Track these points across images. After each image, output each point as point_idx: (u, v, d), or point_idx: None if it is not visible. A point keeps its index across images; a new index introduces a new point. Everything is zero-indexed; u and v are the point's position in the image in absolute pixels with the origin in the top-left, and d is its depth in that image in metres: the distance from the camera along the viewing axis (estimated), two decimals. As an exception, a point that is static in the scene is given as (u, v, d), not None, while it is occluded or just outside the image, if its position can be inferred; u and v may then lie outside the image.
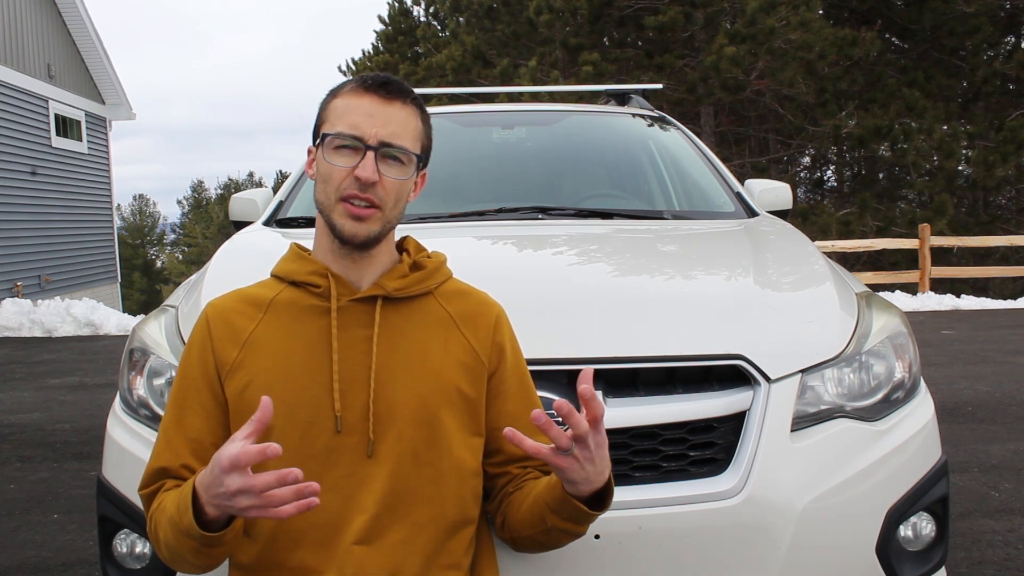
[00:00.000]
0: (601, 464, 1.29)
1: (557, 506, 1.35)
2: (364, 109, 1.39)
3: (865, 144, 15.55)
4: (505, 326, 1.51)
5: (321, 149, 1.41)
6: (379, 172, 1.37)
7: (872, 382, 1.82)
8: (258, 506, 1.15)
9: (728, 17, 15.55)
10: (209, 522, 1.23)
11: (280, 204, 2.89)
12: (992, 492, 3.66)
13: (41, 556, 3.19)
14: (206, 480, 1.21)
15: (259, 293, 1.46)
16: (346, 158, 1.38)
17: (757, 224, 2.64)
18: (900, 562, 1.75)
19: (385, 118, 1.39)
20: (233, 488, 1.15)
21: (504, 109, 3.80)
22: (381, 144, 1.38)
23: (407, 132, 1.41)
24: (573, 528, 1.39)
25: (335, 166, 1.38)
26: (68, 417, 5.49)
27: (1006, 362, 6.78)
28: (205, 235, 51.18)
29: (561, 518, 1.36)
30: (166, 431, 1.40)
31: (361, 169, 1.36)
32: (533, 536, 1.43)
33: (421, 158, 1.44)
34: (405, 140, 1.40)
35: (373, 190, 1.37)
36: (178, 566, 1.35)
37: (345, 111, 1.40)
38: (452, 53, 17.64)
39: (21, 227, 13.24)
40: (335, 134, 1.38)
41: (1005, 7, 16.48)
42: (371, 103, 1.39)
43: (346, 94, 1.42)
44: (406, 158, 1.41)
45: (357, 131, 1.37)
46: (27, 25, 14.03)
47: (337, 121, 1.40)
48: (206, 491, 1.21)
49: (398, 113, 1.40)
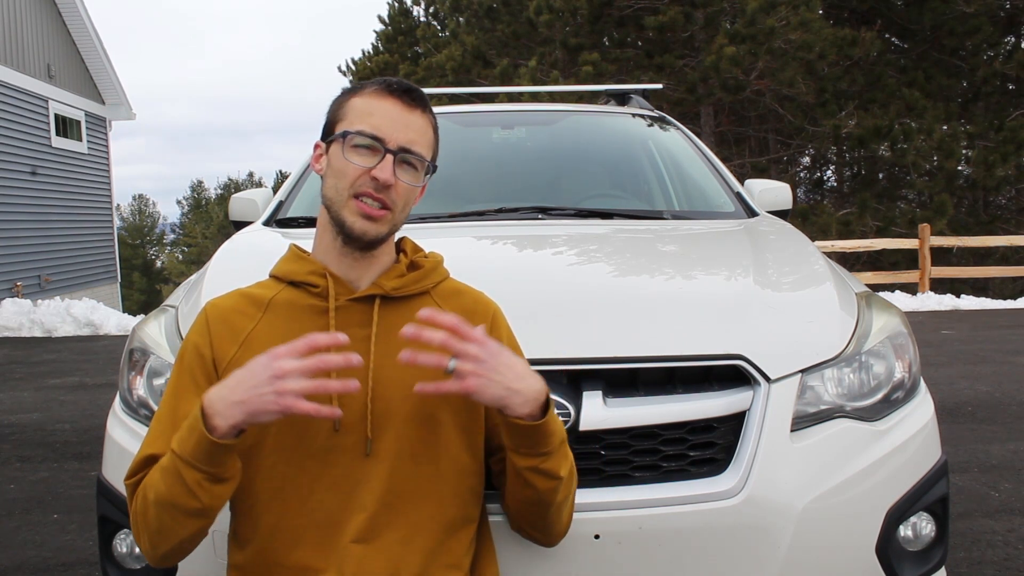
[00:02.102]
0: (509, 372, 1.30)
1: (513, 442, 1.36)
2: (387, 113, 1.40)
3: (865, 144, 15.54)
4: (502, 324, 1.52)
5: (339, 145, 1.42)
6: (396, 176, 1.39)
7: (872, 382, 1.82)
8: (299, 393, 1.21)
9: (728, 17, 15.55)
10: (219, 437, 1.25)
11: (280, 204, 2.89)
12: (992, 492, 3.67)
13: (41, 556, 3.19)
14: (239, 381, 1.25)
15: (258, 293, 1.47)
16: (364, 157, 1.39)
17: (757, 224, 2.64)
18: (900, 562, 1.75)
19: (407, 124, 1.41)
20: (287, 368, 1.22)
21: (504, 109, 3.80)
22: (401, 149, 1.40)
23: (424, 140, 1.43)
24: (538, 463, 1.37)
25: (352, 163, 1.39)
26: (68, 417, 5.49)
27: (1006, 362, 6.78)
28: (205, 235, 51.15)
29: (520, 454, 1.36)
30: (159, 421, 1.39)
31: (380, 170, 1.38)
32: (522, 502, 1.43)
33: (431, 167, 1.46)
34: (422, 148, 1.43)
35: (387, 192, 1.39)
36: (166, 540, 1.31)
37: (367, 111, 1.41)
38: (452, 53, 17.64)
39: (21, 227, 13.24)
40: (357, 132, 1.40)
41: (1005, 7, 16.48)
42: (394, 107, 1.41)
43: (368, 95, 1.43)
44: (420, 165, 1.43)
45: (379, 132, 1.39)
46: (27, 25, 14.03)
47: (357, 120, 1.41)
48: (242, 389, 1.24)
49: (418, 121, 1.43)
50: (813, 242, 2.53)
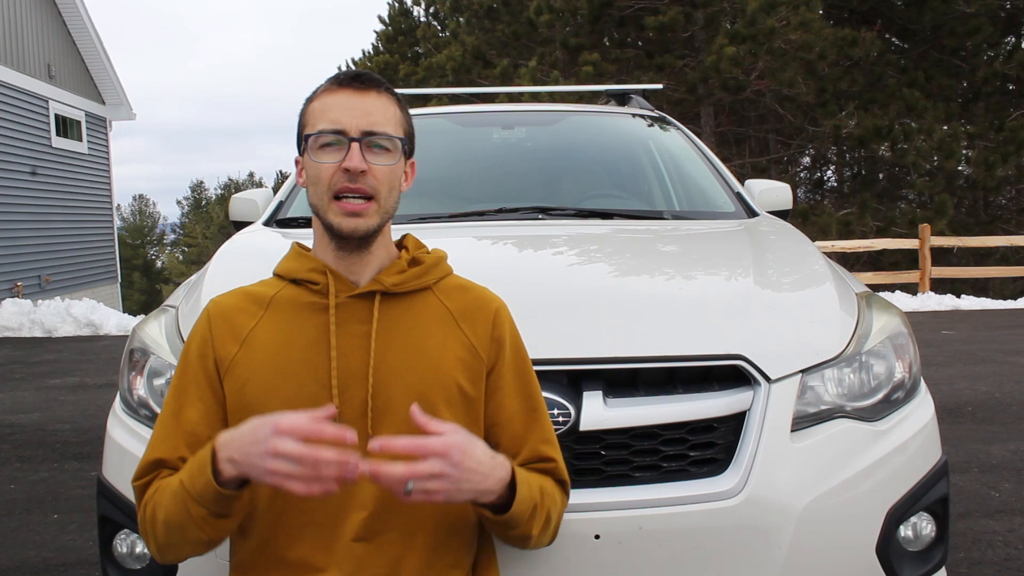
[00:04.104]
0: (475, 474, 1.25)
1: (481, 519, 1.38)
2: (341, 103, 1.40)
3: (865, 144, 15.56)
4: (505, 320, 1.50)
5: (307, 153, 1.42)
6: (367, 162, 1.37)
7: (872, 382, 1.82)
8: (289, 475, 1.17)
9: (728, 17, 15.55)
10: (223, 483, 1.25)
11: (280, 204, 2.89)
12: (992, 492, 3.66)
13: (41, 556, 3.19)
14: (240, 437, 1.22)
15: (260, 291, 1.47)
16: (332, 154, 1.39)
17: (757, 224, 2.64)
18: (900, 562, 1.75)
19: (364, 108, 1.39)
20: (281, 450, 1.16)
21: (504, 109, 3.80)
22: (364, 133, 1.38)
23: (387, 119, 1.42)
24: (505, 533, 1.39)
25: (322, 164, 1.39)
26: (68, 417, 5.49)
27: (1006, 362, 6.78)
28: (205, 235, 51.13)
29: (490, 525, 1.38)
30: (163, 423, 1.40)
31: (348, 160, 1.36)
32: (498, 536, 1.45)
33: (405, 142, 1.45)
34: (387, 127, 1.41)
35: (364, 180, 1.37)
36: (174, 551, 1.35)
37: (323, 110, 1.41)
38: (452, 53, 17.63)
39: (21, 227, 13.24)
40: (318, 132, 1.39)
41: (1005, 7, 16.48)
42: (347, 97, 1.40)
43: (321, 95, 1.43)
44: (391, 144, 1.41)
45: (338, 125, 1.38)
46: (27, 25, 14.03)
47: (317, 121, 1.41)
48: (237, 447, 1.22)
49: (375, 102, 1.41)
50: (813, 242, 2.53)
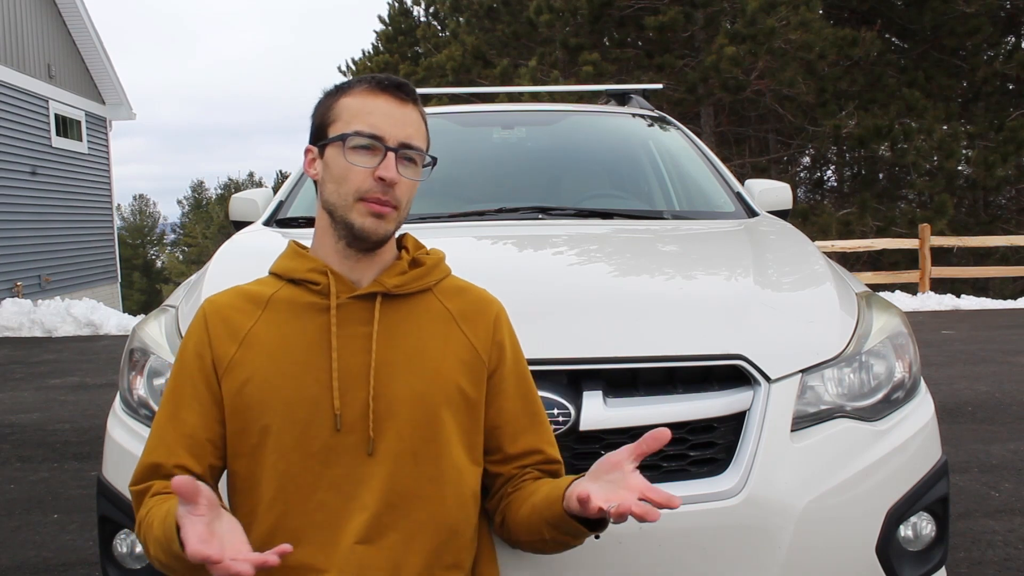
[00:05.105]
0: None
1: (556, 522, 1.35)
2: (383, 110, 1.39)
3: (865, 144, 15.55)
4: (505, 324, 1.51)
5: (337, 148, 1.39)
6: (399, 173, 1.38)
7: (872, 382, 1.82)
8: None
9: (728, 17, 15.54)
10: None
11: (280, 204, 2.89)
12: (992, 492, 3.66)
13: (41, 556, 3.19)
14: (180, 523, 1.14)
15: (257, 290, 1.46)
16: (365, 158, 1.37)
17: (757, 224, 2.64)
18: (900, 562, 1.75)
19: (404, 119, 1.39)
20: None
21: (504, 109, 3.80)
22: (401, 145, 1.38)
23: (420, 134, 1.42)
24: (571, 541, 1.39)
25: (355, 166, 1.37)
26: (68, 417, 5.49)
27: (1006, 362, 6.78)
28: (205, 235, 51.11)
29: (560, 532, 1.36)
30: (160, 426, 1.39)
31: (384, 170, 1.36)
32: (530, 542, 1.44)
33: (430, 159, 1.45)
34: (419, 141, 1.42)
35: (392, 191, 1.37)
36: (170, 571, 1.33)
37: (362, 111, 1.39)
38: (452, 53, 17.63)
39: (21, 227, 13.23)
40: (355, 133, 1.38)
41: (1005, 7, 16.48)
42: (388, 104, 1.39)
43: (359, 94, 1.41)
44: (420, 159, 1.42)
45: (378, 131, 1.37)
46: (27, 25, 14.02)
47: (353, 120, 1.39)
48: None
49: (412, 115, 1.41)
50: (813, 242, 2.53)
